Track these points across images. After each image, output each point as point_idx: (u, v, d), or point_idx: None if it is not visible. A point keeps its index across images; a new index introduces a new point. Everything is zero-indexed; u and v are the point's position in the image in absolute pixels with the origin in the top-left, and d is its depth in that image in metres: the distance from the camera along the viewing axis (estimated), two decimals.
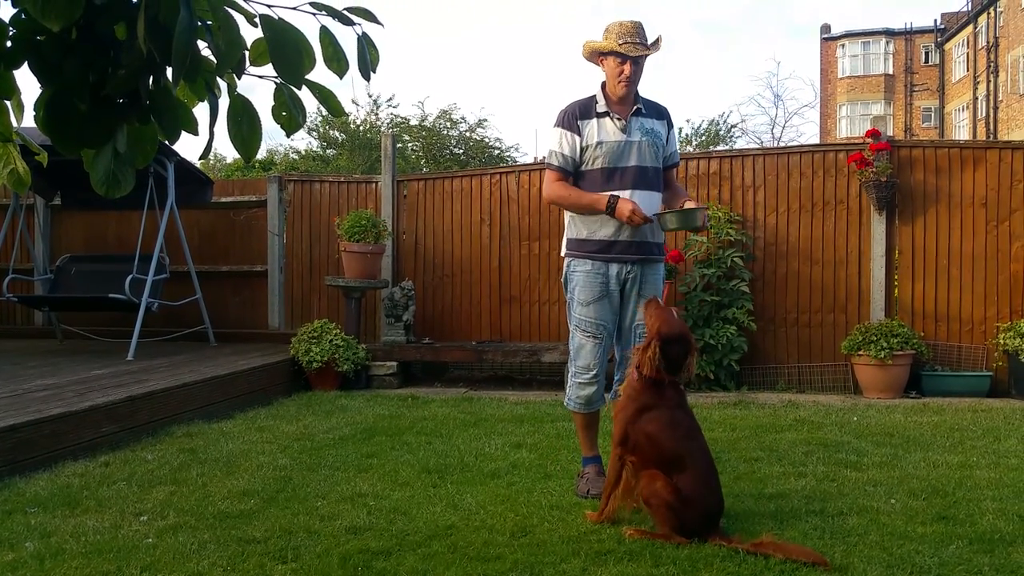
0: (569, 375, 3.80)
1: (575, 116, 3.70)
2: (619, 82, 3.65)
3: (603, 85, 3.76)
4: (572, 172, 3.72)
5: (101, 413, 4.51)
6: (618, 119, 3.69)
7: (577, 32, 64.86)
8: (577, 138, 3.68)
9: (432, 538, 3.03)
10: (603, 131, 3.68)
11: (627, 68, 3.62)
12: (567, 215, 3.81)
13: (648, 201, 3.66)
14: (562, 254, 3.84)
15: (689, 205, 3.61)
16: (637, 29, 3.65)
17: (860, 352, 6.36)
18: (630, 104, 3.73)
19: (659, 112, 3.83)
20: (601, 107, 3.70)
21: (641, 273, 3.73)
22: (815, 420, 5.30)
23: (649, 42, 3.69)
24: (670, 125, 3.87)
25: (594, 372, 3.72)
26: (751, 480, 3.81)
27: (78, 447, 4.29)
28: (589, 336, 3.71)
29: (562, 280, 3.84)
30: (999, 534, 3.03)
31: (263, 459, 4.24)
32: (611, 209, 3.58)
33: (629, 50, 3.60)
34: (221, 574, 2.71)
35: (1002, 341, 6.34)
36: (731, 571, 2.70)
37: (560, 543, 2.96)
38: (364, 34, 1.60)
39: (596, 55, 3.73)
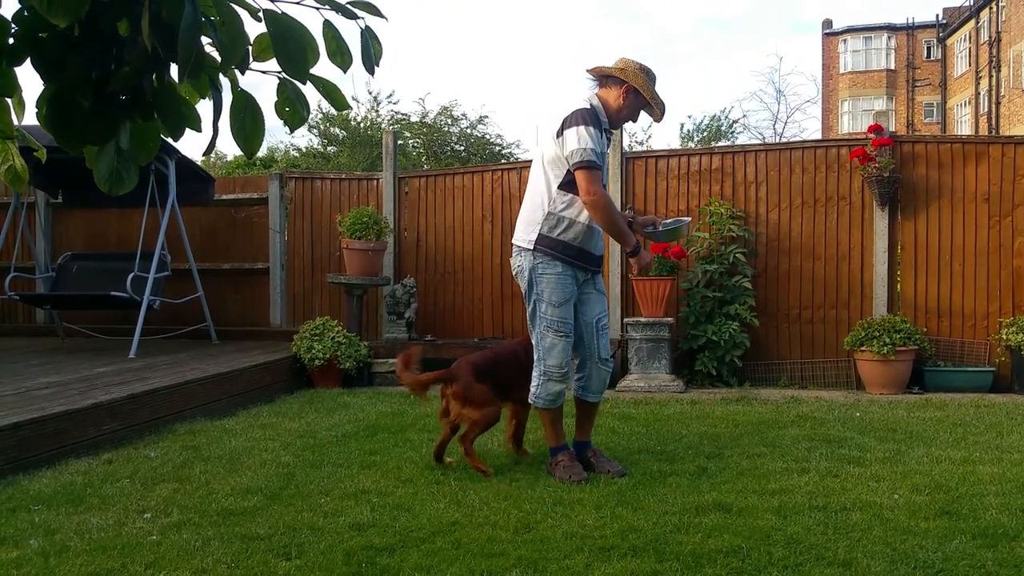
0: (536, 374, 3.91)
1: (598, 120, 3.85)
2: (627, 121, 3.98)
3: (600, 98, 3.92)
4: None
5: (104, 411, 4.52)
6: (607, 138, 3.96)
7: (578, 29, 64.71)
8: (600, 140, 3.84)
9: (436, 534, 3.03)
10: (603, 144, 3.89)
11: (638, 119, 3.96)
12: (548, 209, 3.82)
13: None
14: (526, 247, 3.86)
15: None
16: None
17: (863, 348, 6.35)
18: (611, 128, 4.02)
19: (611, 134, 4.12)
20: (604, 122, 3.91)
21: (592, 276, 4.00)
22: (818, 416, 5.29)
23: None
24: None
25: (566, 370, 3.90)
26: (754, 476, 3.81)
27: (81, 445, 4.29)
28: (562, 336, 3.86)
29: (525, 275, 3.88)
30: (1002, 529, 3.03)
31: (266, 456, 4.24)
32: (633, 253, 3.89)
33: (660, 118, 3.96)
34: (225, 571, 2.71)
35: (1005, 336, 6.33)
36: (735, 566, 2.70)
37: (563, 539, 2.96)
38: (367, 28, 1.59)
39: (629, 88, 3.86)
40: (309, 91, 1.64)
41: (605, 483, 3.71)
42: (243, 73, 1.59)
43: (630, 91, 3.85)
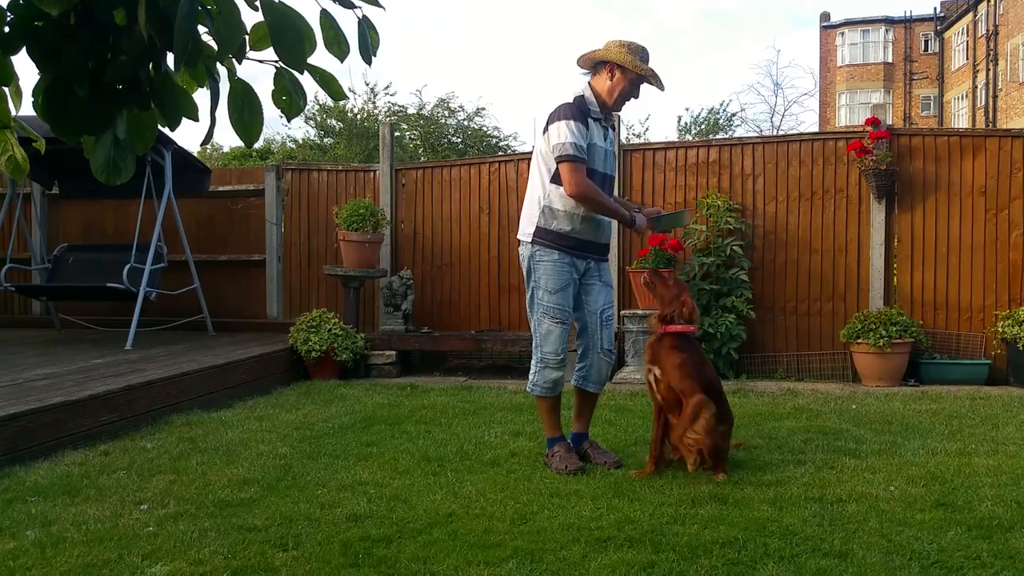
0: (534, 362, 3.96)
1: (583, 112, 3.84)
2: (624, 101, 3.91)
3: (592, 88, 3.91)
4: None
5: (100, 402, 4.51)
6: (603, 126, 3.92)
7: (577, 21, 64.57)
8: (587, 132, 3.82)
9: (432, 526, 3.04)
10: (595, 134, 3.88)
11: (638, 94, 3.90)
12: (544, 204, 3.87)
13: None
14: (526, 240, 3.93)
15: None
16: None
17: (859, 340, 6.37)
18: (609, 114, 3.99)
19: (611, 121, 4.09)
20: (595, 111, 3.89)
21: (597, 264, 4.01)
22: (814, 408, 5.31)
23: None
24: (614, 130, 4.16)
25: (562, 357, 3.91)
26: (750, 467, 3.82)
27: (78, 436, 4.29)
28: (557, 322, 3.88)
29: (525, 263, 3.96)
30: (997, 520, 3.04)
31: (263, 448, 4.25)
32: (631, 223, 3.91)
33: (660, 85, 3.87)
34: (222, 562, 2.71)
35: (1000, 329, 6.35)
36: (731, 557, 2.71)
37: (560, 530, 2.97)
38: (365, 17, 1.59)
39: (613, 66, 3.86)
40: (306, 81, 1.64)
41: (602, 474, 3.73)
42: (240, 62, 1.59)
43: (615, 69, 3.86)
